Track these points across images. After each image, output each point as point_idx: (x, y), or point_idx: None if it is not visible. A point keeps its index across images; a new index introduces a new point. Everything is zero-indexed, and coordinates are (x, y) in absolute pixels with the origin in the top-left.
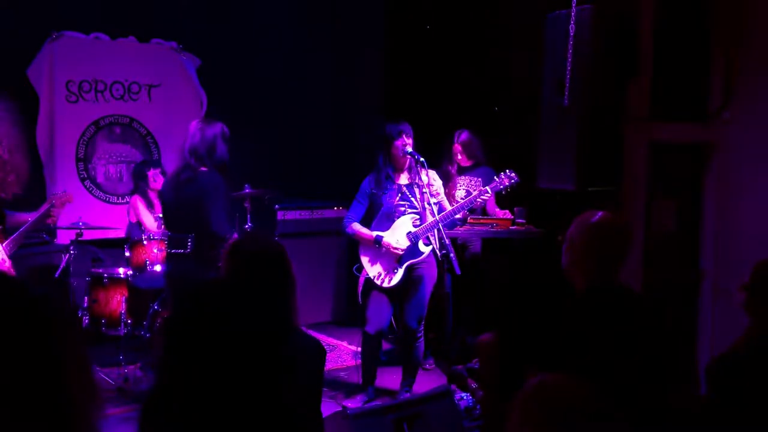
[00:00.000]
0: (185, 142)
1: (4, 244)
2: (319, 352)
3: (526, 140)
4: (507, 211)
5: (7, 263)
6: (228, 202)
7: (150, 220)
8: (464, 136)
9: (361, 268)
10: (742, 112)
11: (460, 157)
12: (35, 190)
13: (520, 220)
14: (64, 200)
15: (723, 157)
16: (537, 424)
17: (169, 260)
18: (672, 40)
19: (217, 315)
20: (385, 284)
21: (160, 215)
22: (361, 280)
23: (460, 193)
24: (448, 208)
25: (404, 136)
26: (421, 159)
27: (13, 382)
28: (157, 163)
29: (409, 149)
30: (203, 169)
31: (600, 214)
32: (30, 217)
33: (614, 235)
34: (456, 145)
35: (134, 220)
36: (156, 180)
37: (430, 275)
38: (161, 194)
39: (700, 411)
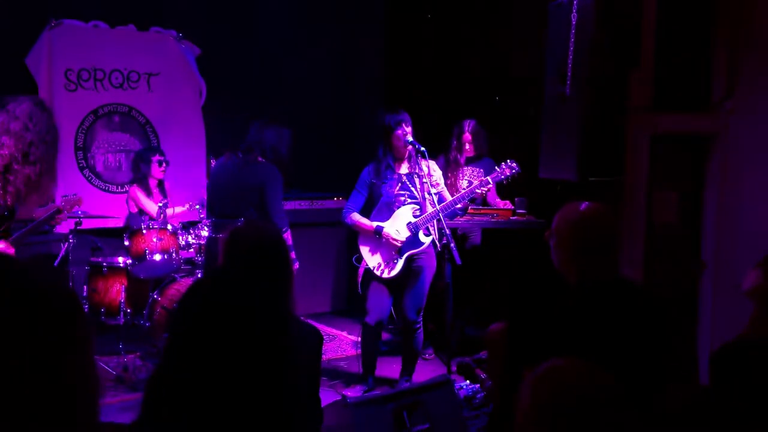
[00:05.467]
0: (250, 135)
1: (7, 242)
2: (317, 339)
3: (528, 130)
4: (508, 201)
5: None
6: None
7: (152, 207)
8: (474, 125)
9: (360, 258)
10: (744, 103)
11: (468, 146)
12: None
13: (520, 211)
14: (74, 203)
15: (725, 148)
16: (547, 407)
17: (211, 244)
18: (674, 30)
19: (215, 303)
20: (385, 275)
21: (160, 204)
22: (361, 270)
23: (463, 184)
24: (449, 198)
25: (404, 125)
26: (422, 149)
27: (15, 368)
28: (160, 150)
29: (410, 138)
30: (261, 159)
31: (583, 205)
32: (36, 215)
33: (600, 226)
34: (467, 133)
35: (134, 210)
36: (160, 167)
37: (430, 266)
38: (213, 174)
39: (701, 402)
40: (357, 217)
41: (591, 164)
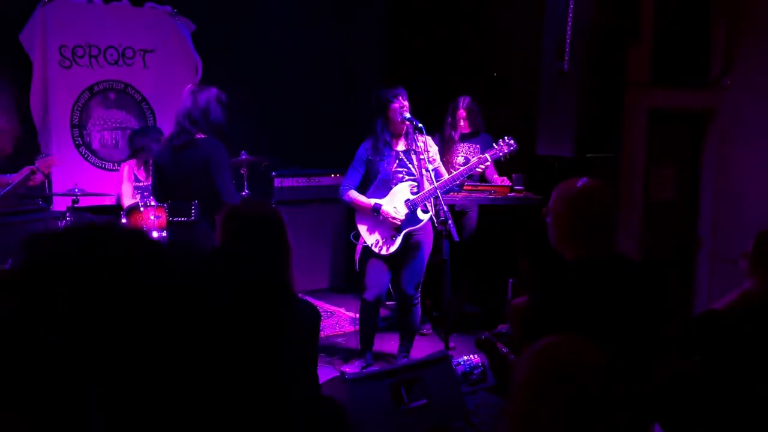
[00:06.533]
0: (179, 106)
1: None
2: (315, 315)
3: (526, 107)
4: (505, 177)
5: None
6: (230, 169)
7: (127, 192)
8: (468, 102)
9: (358, 235)
10: (742, 79)
11: (462, 123)
12: (30, 156)
13: (518, 187)
14: (49, 163)
15: (723, 124)
16: (543, 383)
17: (171, 229)
18: (673, 5)
19: (214, 282)
20: (383, 252)
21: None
22: (359, 247)
23: (459, 160)
24: (445, 174)
25: (400, 98)
26: (420, 125)
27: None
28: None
29: (407, 114)
30: (200, 135)
31: (580, 182)
32: (12, 180)
33: (597, 203)
34: (461, 110)
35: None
36: None
37: (427, 242)
38: (156, 160)
39: (693, 372)
40: (354, 194)
41: (588, 141)
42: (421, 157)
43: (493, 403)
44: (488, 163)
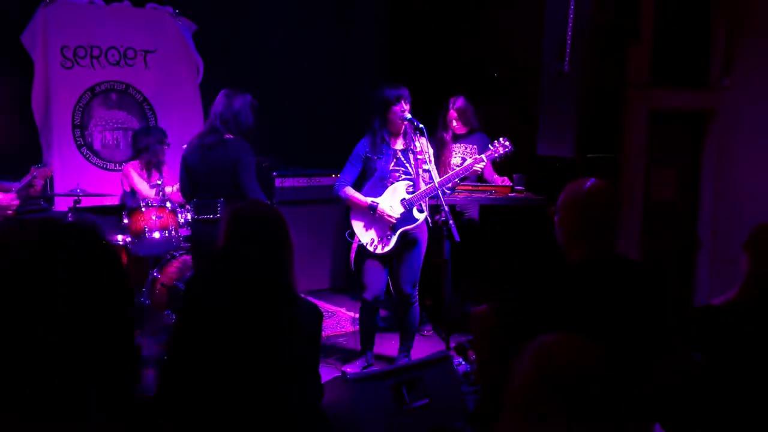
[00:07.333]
0: (212, 107)
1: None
2: (317, 315)
3: (526, 107)
4: (506, 177)
5: None
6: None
7: (145, 187)
8: (460, 102)
9: (353, 233)
10: (742, 80)
11: (455, 123)
12: (31, 156)
13: (519, 187)
14: (45, 173)
15: (723, 125)
16: (542, 382)
17: (196, 226)
18: (673, 5)
19: (221, 282)
20: (378, 251)
21: (159, 182)
22: (354, 246)
23: (455, 161)
24: (436, 176)
25: (403, 101)
26: (421, 126)
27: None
28: (165, 133)
29: (409, 115)
30: (229, 136)
31: (588, 183)
32: (13, 187)
33: (604, 204)
34: (452, 111)
35: (128, 189)
36: (167, 148)
37: (423, 239)
38: (185, 159)
39: (693, 372)
40: (351, 191)
41: (589, 141)
42: (419, 157)
43: None
44: (484, 164)
